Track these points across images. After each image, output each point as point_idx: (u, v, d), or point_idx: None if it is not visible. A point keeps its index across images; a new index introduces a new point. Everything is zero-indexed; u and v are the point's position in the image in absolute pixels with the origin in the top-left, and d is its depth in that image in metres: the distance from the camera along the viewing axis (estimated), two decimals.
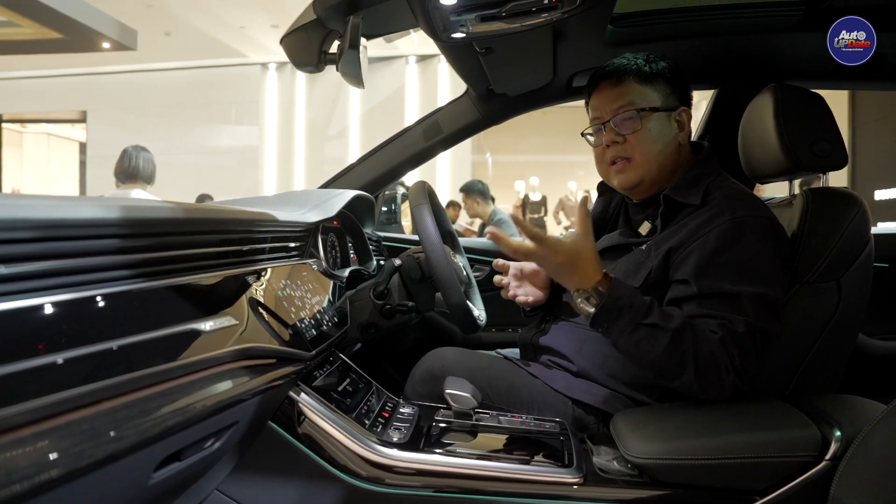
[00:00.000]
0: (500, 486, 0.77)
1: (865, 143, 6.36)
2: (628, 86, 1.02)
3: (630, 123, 1.01)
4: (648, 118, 1.01)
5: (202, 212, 0.68)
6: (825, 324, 0.96)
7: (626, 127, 1.01)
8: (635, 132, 1.01)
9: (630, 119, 1.01)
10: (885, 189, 6.16)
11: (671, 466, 0.78)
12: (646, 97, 1.01)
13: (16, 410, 0.38)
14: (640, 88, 1.02)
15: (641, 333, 0.86)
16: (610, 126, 1.03)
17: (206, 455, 0.65)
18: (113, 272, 0.52)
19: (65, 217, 0.48)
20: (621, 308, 0.87)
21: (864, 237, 0.99)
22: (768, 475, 0.77)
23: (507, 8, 0.84)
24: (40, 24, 5.52)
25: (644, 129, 1.01)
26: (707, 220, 0.95)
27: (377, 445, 0.79)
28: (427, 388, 1.02)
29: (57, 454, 0.39)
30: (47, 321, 0.44)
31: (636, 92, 1.01)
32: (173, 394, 0.53)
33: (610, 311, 0.87)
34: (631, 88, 1.02)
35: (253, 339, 0.68)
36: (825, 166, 1.04)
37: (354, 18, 0.81)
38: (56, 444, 0.40)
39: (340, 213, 1.29)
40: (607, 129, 1.04)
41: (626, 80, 1.02)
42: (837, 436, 0.77)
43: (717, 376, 0.85)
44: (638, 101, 1.01)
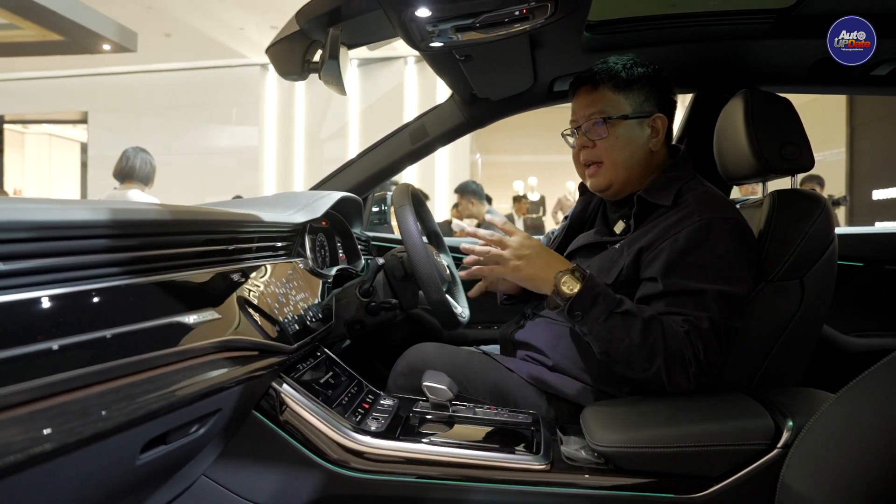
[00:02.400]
0: (470, 473, 0.82)
1: (864, 144, 6.39)
2: (602, 93, 1.06)
3: (598, 130, 1.06)
4: (617, 126, 1.05)
5: (188, 213, 0.73)
6: (788, 320, 1.00)
7: (595, 133, 1.06)
8: (603, 139, 1.06)
9: (598, 126, 1.05)
10: (882, 189, 6.19)
11: (633, 454, 0.83)
12: (617, 105, 1.06)
13: (13, 390, 0.43)
14: (613, 96, 1.06)
15: (615, 321, 0.90)
16: (582, 131, 1.08)
17: (192, 440, 0.70)
18: (102, 269, 0.57)
19: (58, 219, 0.53)
20: (597, 295, 0.92)
21: (828, 237, 1.03)
22: (724, 462, 0.82)
23: (480, 19, 0.89)
24: (41, 26, 5.58)
25: (612, 136, 1.06)
26: (677, 221, 0.99)
27: (354, 433, 0.83)
28: (408, 382, 1.07)
29: (50, 430, 0.44)
30: (41, 313, 0.49)
31: (609, 100, 1.06)
32: (157, 380, 0.57)
33: (586, 297, 0.91)
34: (604, 96, 1.06)
35: (236, 332, 0.73)
36: (792, 169, 1.08)
37: (334, 30, 0.86)
38: (49, 422, 0.45)
39: (329, 214, 1.33)
40: (580, 133, 1.09)
41: (601, 88, 1.06)
42: (789, 425, 0.82)
43: (682, 368, 0.89)
44: (609, 109, 1.05)
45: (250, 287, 0.84)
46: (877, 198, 6.24)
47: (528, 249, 0.97)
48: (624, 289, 1.01)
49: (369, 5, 0.86)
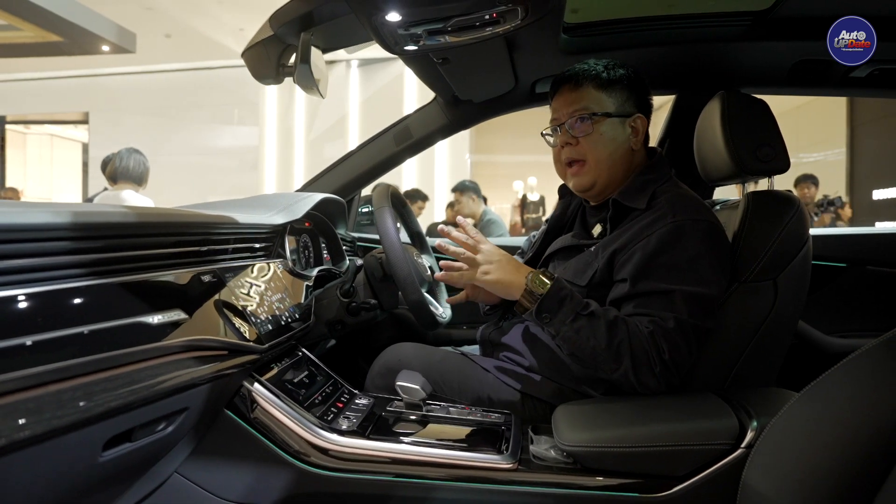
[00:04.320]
0: (438, 471, 0.83)
1: (864, 144, 6.37)
2: (585, 91, 1.07)
3: (583, 126, 1.06)
4: (601, 122, 1.06)
5: (156, 216, 0.74)
6: (761, 321, 1.01)
7: (579, 129, 1.07)
8: (587, 135, 1.06)
9: (583, 122, 1.06)
10: (883, 189, 6.18)
11: (598, 454, 0.83)
12: (600, 103, 1.07)
13: None
14: (596, 94, 1.07)
15: (582, 322, 0.92)
16: (565, 128, 1.08)
17: (159, 438, 0.71)
18: (64, 270, 0.58)
19: (21, 222, 0.54)
20: (563, 297, 0.94)
21: (802, 238, 1.04)
22: (689, 462, 0.83)
23: (451, 23, 0.90)
24: (40, 27, 5.62)
25: (596, 132, 1.06)
26: (650, 223, 1.00)
27: (324, 432, 0.85)
28: (384, 381, 1.08)
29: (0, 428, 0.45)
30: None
31: (592, 97, 1.07)
32: (117, 379, 0.59)
33: (554, 298, 0.93)
34: (588, 93, 1.07)
35: (203, 331, 0.74)
36: (768, 170, 1.09)
37: (305, 35, 0.87)
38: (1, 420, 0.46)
39: (312, 215, 1.35)
40: (562, 130, 1.09)
41: (584, 86, 1.07)
42: (754, 425, 0.82)
43: (649, 369, 0.90)
44: (592, 105, 1.06)
45: (223, 288, 0.85)
46: (877, 197, 6.23)
47: (498, 256, 0.99)
48: (598, 291, 1.02)
49: (341, 9, 0.87)
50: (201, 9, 6.41)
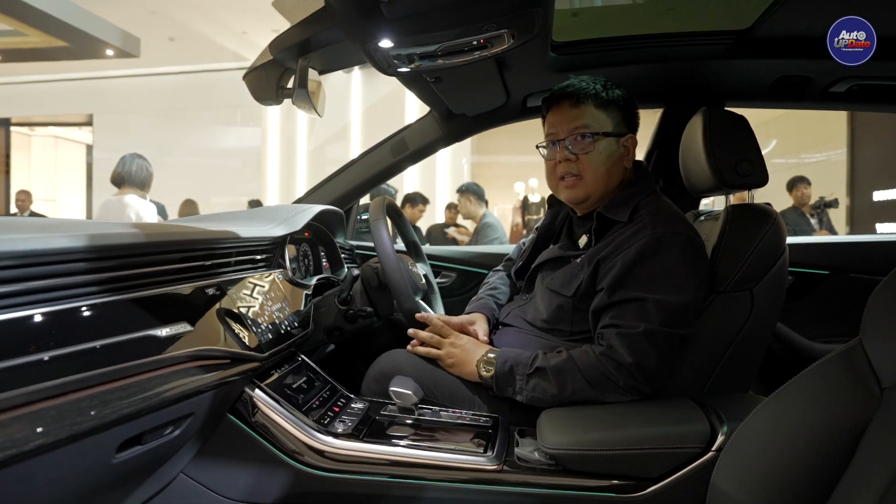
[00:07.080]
0: (426, 472, 0.88)
1: (865, 145, 6.39)
2: (586, 108, 1.11)
3: (583, 144, 1.11)
4: (600, 141, 1.11)
5: (164, 235, 0.80)
6: (738, 330, 1.05)
7: (580, 147, 1.11)
8: (587, 153, 1.11)
9: (584, 139, 1.10)
10: (883, 190, 6.19)
11: (578, 456, 0.89)
12: (600, 122, 1.11)
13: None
14: (596, 113, 1.11)
15: (535, 380, 1.02)
16: (564, 144, 1.12)
17: (167, 441, 0.77)
18: (78, 290, 0.64)
19: (39, 248, 0.60)
20: (511, 367, 1.04)
21: (778, 249, 1.09)
22: (661, 464, 0.88)
23: (440, 48, 0.95)
24: (45, 33, 5.69)
25: (595, 150, 1.11)
26: (631, 235, 1.05)
27: (320, 435, 0.90)
28: (379, 386, 1.13)
29: (27, 434, 0.51)
30: (21, 331, 0.56)
31: (592, 116, 1.11)
32: (130, 388, 0.64)
33: (502, 373, 1.04)
34: (588, 112, 1.11)
35: (207, 342, 0.80)
36: (747, 184, 1.13)
37: (303, 61, 0.92)
38: (26, 426, 0.52)
39: (311, 226, 1.40)
40: (561, 146, 1.13)
41: (585, 103, 1.11)
42: (724, 429, 0.87)
43: (612, 385, 0.98)
44: (593, 124, 1.11)
45: (226, 299, 0.91)
46: (878, 199, 6.24)
47: (457, 348, 1.12)
48: (584, 301, 1.08)
49: (336, 36, 0.92)
50: (205, 12, 6.47)
